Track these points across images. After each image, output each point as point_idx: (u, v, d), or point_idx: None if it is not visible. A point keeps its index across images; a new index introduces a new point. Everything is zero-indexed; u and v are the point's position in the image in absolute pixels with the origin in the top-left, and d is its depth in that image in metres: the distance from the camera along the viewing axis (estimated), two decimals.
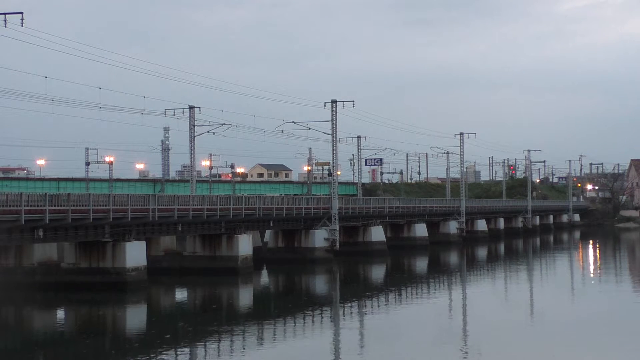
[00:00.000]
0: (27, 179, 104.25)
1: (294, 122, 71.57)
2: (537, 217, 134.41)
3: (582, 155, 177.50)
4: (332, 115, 69.01)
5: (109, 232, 46.83)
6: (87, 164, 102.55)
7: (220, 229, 56.73)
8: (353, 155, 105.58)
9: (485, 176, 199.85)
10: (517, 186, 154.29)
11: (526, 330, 34.10)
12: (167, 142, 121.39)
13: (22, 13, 41.10)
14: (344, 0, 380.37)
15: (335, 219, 68.30)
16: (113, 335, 34.84)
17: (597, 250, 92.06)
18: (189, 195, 55.27)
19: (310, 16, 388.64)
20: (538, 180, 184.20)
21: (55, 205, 42.08)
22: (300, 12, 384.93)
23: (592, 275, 61.59)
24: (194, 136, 66.51)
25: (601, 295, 47.73)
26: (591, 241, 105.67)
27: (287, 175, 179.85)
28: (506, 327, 35.00)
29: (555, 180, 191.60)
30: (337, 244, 68.17)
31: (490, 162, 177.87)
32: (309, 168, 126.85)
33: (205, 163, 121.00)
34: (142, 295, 46.22)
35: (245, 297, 49.98)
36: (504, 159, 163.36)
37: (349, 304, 44.81)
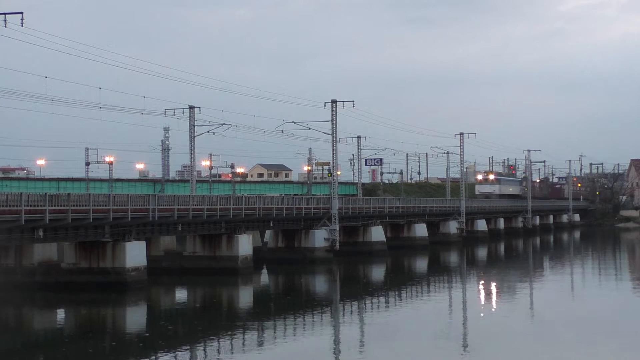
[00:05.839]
0: (27, 179, 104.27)
1: (294, 122, 71.61)
2: (537, 217, 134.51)
3: (582, 155, 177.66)
4: (332, 115, 69.01)
5: (109, 232, 46.83)
6: (87, 164, 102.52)
7: (220, 229, 56.72)
8: (353, 155, 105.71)
9: None
10: None
11: (526, 330, 34.10)
12: (167, 142, 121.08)
13: (22, 13, 41.13)
14: (344, 0, 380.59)
15: (335, 219, 68.29)
16: (113, 336, 34.84)
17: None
18: (189, 195, 55.23)
19: (310, 16, 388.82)
20: (538, 180, 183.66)
21: (55, 205, 42.07)
22: (300, 12, 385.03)
23: (592, 275, 61.63)
24: (194, 136, 66.51)
25: (601, 295, 47.76)
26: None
27: (287, 175, 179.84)
28: (506, 327, 35.02)
29: (556, 180, 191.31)
30: (337, 244, 68.16)
31: (490, 162, 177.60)
32: (309, 168, 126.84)
33: (205, 163, 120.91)
34: (142, 295, 46.21)
35: (245, 297, 50.01)
36: (504, 159, 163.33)
37: (349, 304, 44.81)
